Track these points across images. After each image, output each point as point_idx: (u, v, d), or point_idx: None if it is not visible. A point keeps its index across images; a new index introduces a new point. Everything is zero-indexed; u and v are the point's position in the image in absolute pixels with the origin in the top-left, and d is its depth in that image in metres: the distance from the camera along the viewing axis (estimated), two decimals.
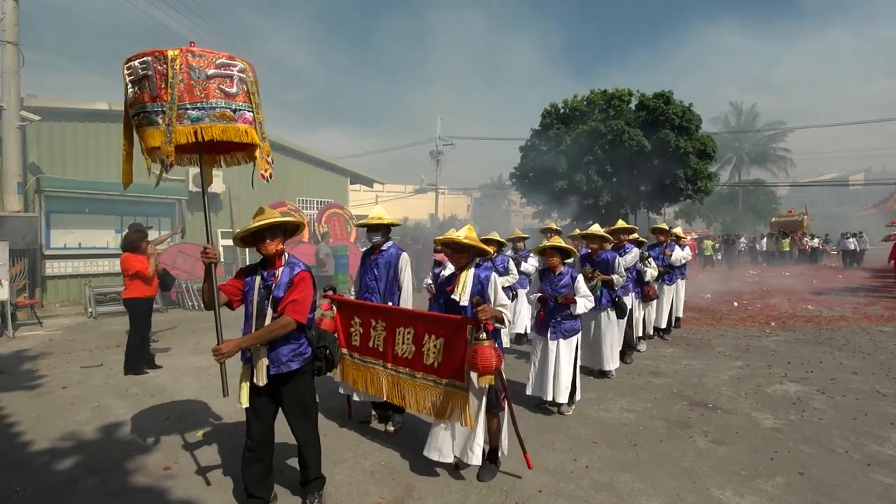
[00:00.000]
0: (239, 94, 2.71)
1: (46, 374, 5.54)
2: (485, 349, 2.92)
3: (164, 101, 2.54)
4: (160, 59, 2.52)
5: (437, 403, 3.28)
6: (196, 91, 2.57)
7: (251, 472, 2.81)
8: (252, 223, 2.77)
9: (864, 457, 3.56)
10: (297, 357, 2.83)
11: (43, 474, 3.32)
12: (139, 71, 2.55)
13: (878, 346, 6.84)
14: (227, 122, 2.66)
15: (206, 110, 2.59)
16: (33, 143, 10.00)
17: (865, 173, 49.12)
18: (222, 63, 2.64)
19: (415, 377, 3.45)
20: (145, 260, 5.75)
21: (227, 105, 2.65)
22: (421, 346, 3.40)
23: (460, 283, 3.36)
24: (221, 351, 2.61)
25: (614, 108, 19.69)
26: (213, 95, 2.61)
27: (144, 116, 2.59)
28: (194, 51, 2.58)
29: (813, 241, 23.35)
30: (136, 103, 2.62)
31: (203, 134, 2.59)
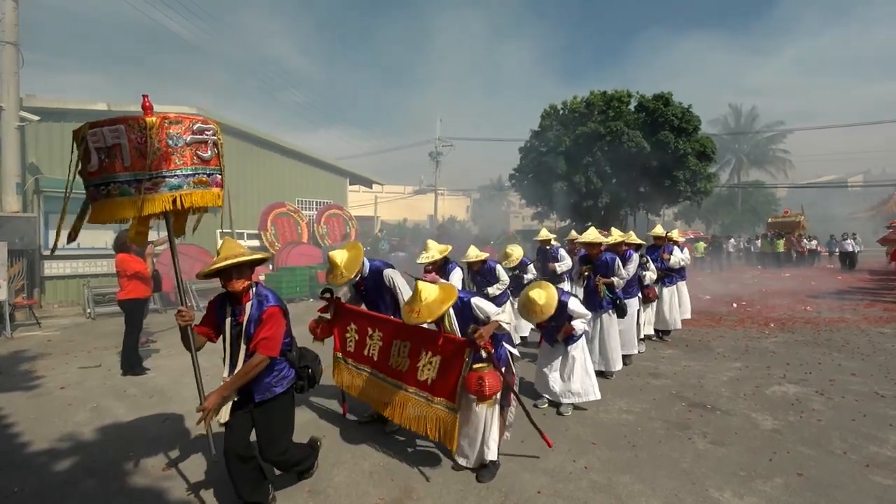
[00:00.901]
0: (212, 159, 2.73)
1: (45, 375, 5.53)
2: (484, 375, 2.96)
3: (137, 171, 2.48)
4: (134, 127, 2.47)
5: (425, 420, 3.29)
6: (174, 158, 2.55)
7: (240, 479, 2.75)
8: (218, 258, 2.70)
9: (863, 458, 3.56)
10: (282, 381, 2.86)
11: (41, 475, 3.31)
12: (109, 139, 2.47)
13: (877, 348, 6.85)
14: (205, 188, 2.70)
15: (184, 177, 2.59)
16: (32, 144, 10.00)
17: (864, 175, 49.22)
18: (199, 128, 2.65)
19: (406, 391, 3.44)
20: (142, 260, 5.76)
21: (202, 171, 2.68)
22: (416, 361, 3.40)
23: (445, 325, 3.29)
24: (206, 408, 2.61)
25: (613, 110, 19.71)
26: (192, 162, 2.62)
27: (116, 186, 2.52)
28: (171, 117, 2.56)
29: (811, 243, 22.82)
30: (102, 172, 2.52)
31: (183, 201, 2.59)
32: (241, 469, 2.75)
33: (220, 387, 2.69)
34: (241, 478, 2.76)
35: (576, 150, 19.41)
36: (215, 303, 2.89)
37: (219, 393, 2.66)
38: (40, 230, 9.88)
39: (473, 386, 2.96)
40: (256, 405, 2.80)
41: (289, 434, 2.97)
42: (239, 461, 2.73)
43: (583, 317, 4.26)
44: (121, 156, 2.48)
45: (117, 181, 2.51)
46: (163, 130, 2.51)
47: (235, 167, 13.35)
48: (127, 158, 2.48)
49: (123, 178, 2.50)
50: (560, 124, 20.76)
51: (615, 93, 20.18)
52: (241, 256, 2.69)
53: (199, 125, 2.65)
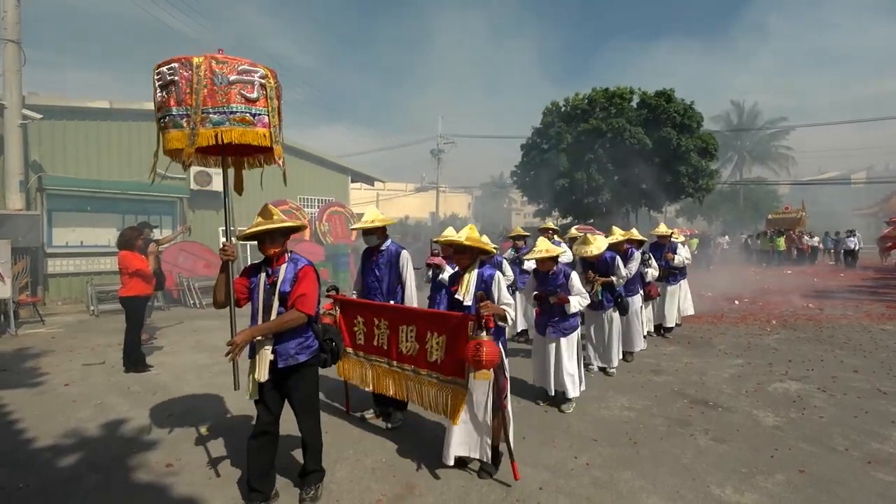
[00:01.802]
0: (259, 100, 2.80)
1: (48, 372, 5.56)
2: (482, 342, 2.91)
3: (188, 106, 2.64)
4: (186, 65, 2.63)
5: (439, 400, 3.33)
6: (218, 96, 2.67)
7: (256, 462, 2.84)
8: (255, 223, 2.85)
9: (865, 455, 3.56)
10: (305, 350, 2.91)
11: (45, 472, 3.33)
12: (167, 76, 2.66)
13: (879, 345, 6.84)
14: (247, 126, 2.77)
15: (226, 114, 2.70)
16: (35, 142, 10.03)
17: (867, 172, 49.03)
18: (244, 69, 2.75)
19: (419, 374, 3.47)
20: (144, 258, 5.79)
21: (246, 109, 2.75)
22: (424, 344, 3.42)
23: (464, 283, 3.40)
24: (236, 342, 2.69)
25: (615, 107, 19.67)
26: (234, 100, 2.72)
27: (170, 119, 2.69)
28: (218, 57, 2.68)
29: (812, 240, 22.38)
30: (162, 107, 2.72)
31: (223, 137, 2.69)
32: (260, 452, 2.84)
33: (251, 327, 2.78)
34: (258, 461, 2.84)
35: (577, 147, 19.39)
36: (249, 270, 3.01)
37: (250, 332, 2.73)
38: (43, 228, 9.93)
39: (471, 353, 2.90)
40: (281, 374, 2.85)
41: (314, 405, 3.04)
42: (263, 441, 2.83)
43: (580, 294, 4.30)
44: (175, 91, 2.65)
45: (171, 114, 2.68)
46: (209, 69, 2.64)
47: None
48: (179, 94, 2.65)
49: (176, 112, 2.67)
50: (562, 121, 20.74)
51: (617, 89, 20.13)
52: (276, 223, 2.84)
53: (245, 66, 2.75)
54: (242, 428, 3.98)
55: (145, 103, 11.52)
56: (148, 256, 5.87)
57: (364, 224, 4.07)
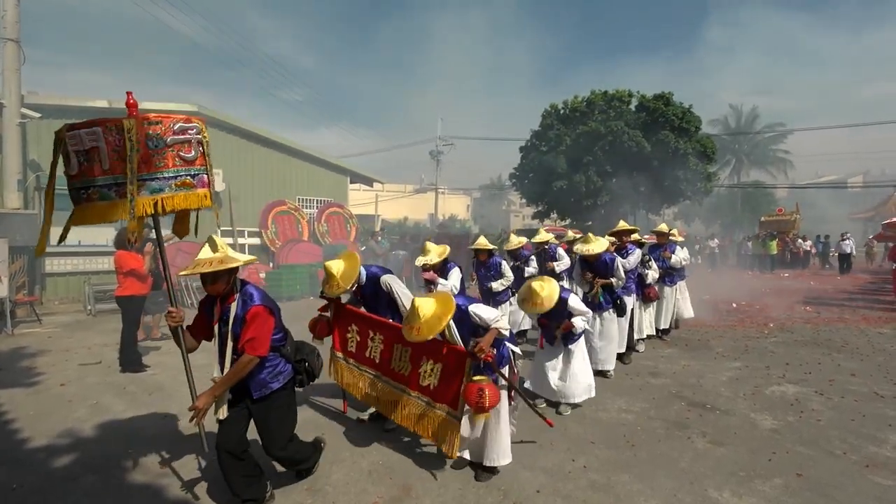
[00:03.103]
0: (196, 159, 2.64)
1: (45, 372, 5.54)
2: (484, 387, 2.94)
3: (117, 174, 2.43)
4: (112, 129, 2.39)
5: (428, 425, 3.32)
6: (155, 161, 2.47)
7: (234, 475, 2.73)
8: (197, 260, 2.64)
9: (862, 458, 3.56)
10: (278, 377, 2.83)
11: (41, 471, 3.31)
12: (87, 141, 2.41)
13: (877, 348, 6.85)
14: (188, 190, 2.62)
15: (166, 180, 2.52)
16: (33, 141, 10.00)
17: (864, 176, 49.19)
18: (180, 128, 2.56)
19: (409, 394, 3.46)
20: (140, 258, 5.77)
21: (186, 172, 2.60)
22: (418, 367, 3.41)
23: (448, 336, 3.24)
24: (197, 407, 2.59)
25: (614, 109, 19.73)
26: (173, 164, 2.54)
27: (95, 191, 2.48)
28: (150, 118, 2.47)
29: (805, 244, 21.77)
30: (81, 176, 2.48)
31: (164, 205, 2.53)
32: (234, 465, 2.73)
33: (211, 387, 2.67)
34: (235, 474, 2.74)
35: (576, 150, 19.43)
36: (205, 303, 2.86)
37: (210, 393, 2.63)
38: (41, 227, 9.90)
39: (474, 398, 2.92)
40: (254, 402, 2.77)
41: (288, 430, 2.94)
42: (231, 458, 2.71)
43: (583, 314, 4.26)
44: (99, 159, 2.42)
45: (96, 185, 2.47)
46: (142, 131, 2.43)
47: (236, 165, 13.37)
48: (105, 161, 2.42)
49: (103, 181, 2.45)
50: (561, 123, 20.78)
51: (616, 92, 20.20)
52: (211, 266, 2.58)
53: (181, 125, 2.57)
54: None
55: (144, 102, 11.49)
56: (144, 256, 5.85)
57: (333, 290, 3.77)
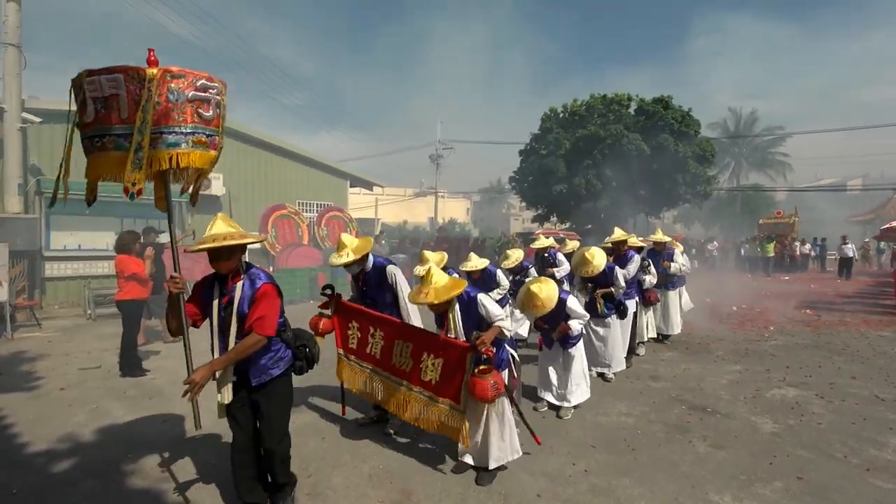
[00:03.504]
0: (213, 119, 2.57)
1: (45, 376, 5.53)
2: (494, 378, 2.96)
3: (133, 124, 2.32)
4: (135, 78, 2.31)
5: (432, 419, 3.34)
6: (174, 115, 2.40)
7: (243, 476, 2.78)
8: (205, 237, 2.58)
9: (863, 462, 3.56)
10: (279, 362, 2.77)
11: (41, 475, 3.31)
12: (106, 88, 2.32)
13: (877, 351, 6.84)
14: (203, 149, 2.54)
15: (183, 135, 2.44)
16: (34, 145, 10.01)
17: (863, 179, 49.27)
18: (202, 85, 2.49)
19: (411, 389, 3.48)
20: (141, 262, 5.79)
21: (202, 130, 2.52)
22: (419, 363, 3.43)
23: (451, 325, 3.30)
24: (194, 380, 2.48)
25: (613, 113, 19.79)
26: (192, 120, 2.47)
27: (111, 140, 2.37)
28: (173, 70, 2.39)
29: (804, 247, 21.53)
30: (97, 123, 2.38)
31: (179, 161, 2.45)
32: (245, 469, 2.76)
33: (210, 362, 2.59)
34: (244, 477, 2.77)
35: (576, 153, 19.47)
36: (203, 284, 2.76)
37: (209, 367, 2.53)
38: (42, 232, 9.90)
39: (477, 389, 2.95)
40: (254, 389, 2.71)
41: (286, 420, 2.88)
42: (244, 461, 2.75)
43: (580, 317, 4.27)
44: (118, 107, 2.33)
45: (112, 134, 2.35)
46: (164, 84, 2.35)
47: (236, 169, 13.38)
48: (124, 110, 2.32)
49: (119, 130, 2.34)
50: (560, 127, 20.84)
51: (615, 96, 20.26)
52: (231, 239, 2.55)
53: (204, 82, 2.48)
54: None
55: None
56: (144, 260, 5.86)
57: (339, 261, 3.77)
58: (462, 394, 3.18)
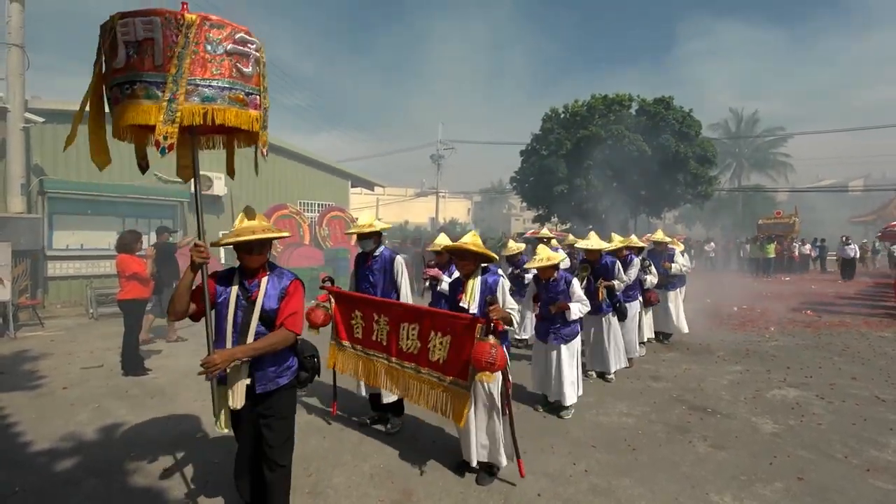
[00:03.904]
0: (253, 76, 2.38)
1: (47, 375, 5.55)
2: (494, 346, 2.92)
3: (168, 73, 2.14)
4: (172, 22, 2.13)
5: (438, 400, 3.29)
6: (211, 66, 2.21)
7: (245, 483, 2.71)
8: (238, 230, 2.47)
9: (863, 462, 3.56)
10: (286, 371, 2.62)
11: (43, 474, 3.32)
12: (140, 31, 2.13)
13: (878, 352, 6.84)
14: (241, 107, 2.33)
15: (220, 90, 2.25)
16: (37, 145, 10.05)
17: (865, 179, 49.19)
18: (241, 39, 2.30)
19: (420, 372, 3.41)
20: (142, 261, 5.81)
21: (241, 87, 2.32)
22: (427, 343, 3.36)
23: (468, 290, 3.38)
24: (214, 362, 2.30)
25: (615, 114, 19.78)
26: (230, 74, 2.27)
27: (142, 87, 2.16)
28: (213, 19, 2.23)
29: (804, 248, 21.44)
30: (128, 70, 2.17)
31: (215, 117, 2.24)
32: (246, 473, 2.70)
33: (231, 348, 2.43)
34: (246, 481, 2.72)
35: (577, 154, 19.47)
36: (219, 277, 2.58)
37: (230, 353, 2.37)
38: (44, 231, 9.93)
39: (484, 356, 2.87)
40: (259, 398, 2.52)
41: (291, 437, 2.70)
42: (247, 468, 2.68)
43: (581, 301, 4.30)
44: (151, 53, 2.13)
45: (144, 80, 2.15)
46: (201, 32, 2.18)
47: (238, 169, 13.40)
48: (159, 56, 2.13)
49: (152, 77, 2.15)
50: (561, 127, 20.82)
51: (616, 96, 20.25)
52: (266, 232, 2.48)
53: (243, 35, 2.31)
54: None
55: None
56: (146, 260, 5.88)
57: (360, 228, 4.02)
58: (469, 370, 3.11)
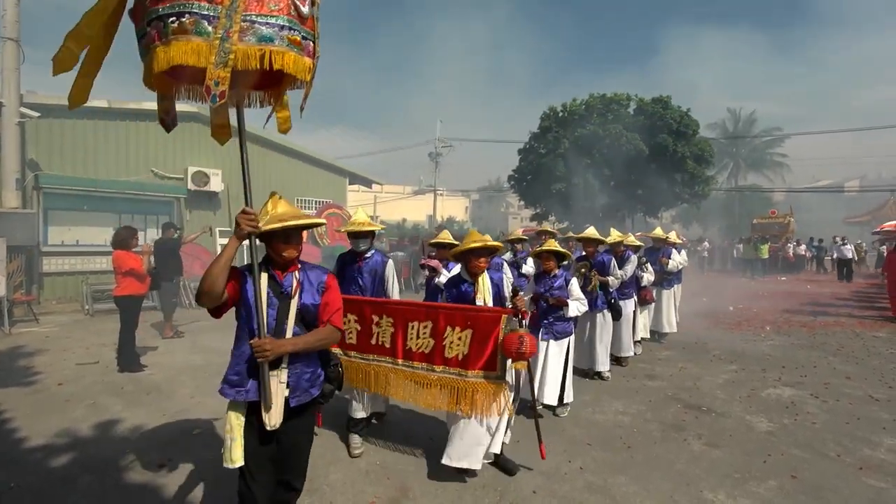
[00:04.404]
0: (308, 19, 2.05)
1: (42, 371, 5.54)
2: (524, 335, 3.00)
3: (221, 4, 1.82)
4: None
5: (460, 397, 3.17)
6: (269, 2, 1.90)
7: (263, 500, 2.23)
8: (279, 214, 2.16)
9: (856, 461, 3.59)
10: (317, 381, 2.31)
11: (38, 471, 3.31)
12: None
13: (872, 352, 6.89)
14: (298, 52, 1.99)
15: (278, 29, 1.91)
16: (32, 140, 10.00)
17: (861, 180, 49.43)
18: None
19: (433, 370, 3.30)
20: (138, 257, 5.77)
21: (299, 29, 1.99)
22: (442, 339, 3.26)
23: (481, 288, 3.44)
24: (266, 348, 2.02)
25: (612, 113, 19.83)
26: (288, 12, 1.95)
27: (192, 20, 1.79)
28: None
29: (799, 248, 21.17)
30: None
31: (273, 60, 1.90)
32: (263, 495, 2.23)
33: (283, 340, 2.14)
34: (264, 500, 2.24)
35: (574, 153, 19.50)
36: (240, 271, 2.21)
37: (281, 344, 2.09)
38: (39, 226, 9.88)
39: (514, 345, 2.94)
40: (290, 415, 2.16)
41: (309, 452, 2.41)
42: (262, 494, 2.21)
43: (580, 300, 4.32)
44: None
45: (195, 12, 1.80)
46: None
47: (235, 165, 13.35)
48: None
49: (204, 9, 1.80)
50: (559, 126, 20.85)
51: (614, 96, 20.30)
52: (309, 218, 2.27)
53: None
54: None
55: (144, 103, 11.50)
56: (142, 256, 5.86)
57: (358, 226, 3.77)
58: (499, 358, 3.12)
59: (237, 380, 2.15)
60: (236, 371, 2.17)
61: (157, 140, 11.84)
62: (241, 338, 2.20)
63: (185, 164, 12.31)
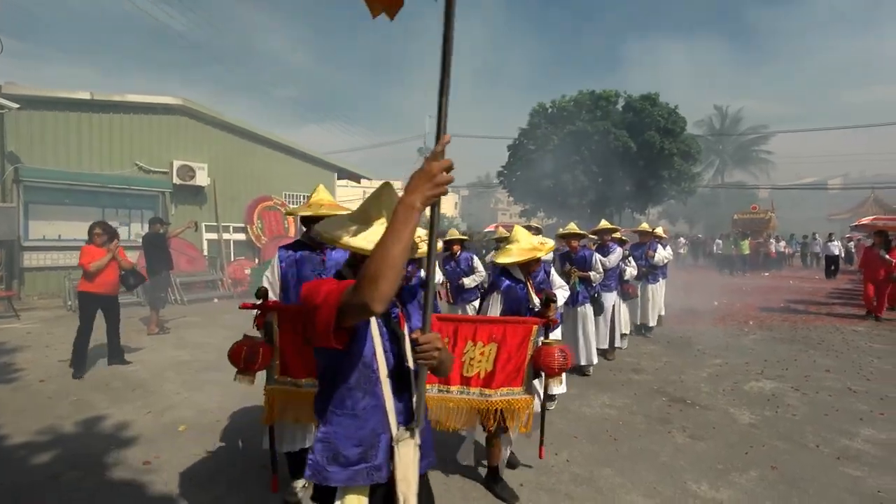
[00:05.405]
0: None
1: (24, 368, 5.44)
2: (563, 348, 2.79)
3: None
4: None
5: (481, 417, 2.89)
6: None
7: None
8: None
9: (835, 451, 3.68)
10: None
11: (21, 469, 3.26)
12: None
13: (851, 346, 7.05)
14: None
15: None
16: (12, 132, 9.76)
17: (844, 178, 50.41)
18: None
19: (448, 392, 2.91)
20: (96, 253, 5.43)
21: None
22: (460, 357, 2.88)
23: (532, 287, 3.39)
24: (437, 346, 1.37)
25: (601, 109, 19.94)
26: None
27: None
28: None
29: (780, 244, 20.91)
30: None
31: None
32: None
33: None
34: None
35: (563, 149, 19.60)
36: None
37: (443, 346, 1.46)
38: (20, 220, 9.68)
39: (557, 359, 2.70)
40: None
41: None
42: None
43: (563, 287, 4.30)
44: None
45: None
46: None
47: (222, 159, 13.20)
48: None
49: None
50: (548, 123, 20.92)
51: (603, 92, 20.40)
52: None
53: None
54: (221, 426, 3.95)
55: (128, 95, 11.30)
56: (107, 252, 5.48)
57: (315, 209, 2.85)
58: (524, 373, 2.88)
59: (359, 453, 1.40)
60: (355, 439, 1.40)
61: (142, 133, 11.64)
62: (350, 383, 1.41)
63: (170, 158, 12.11)
